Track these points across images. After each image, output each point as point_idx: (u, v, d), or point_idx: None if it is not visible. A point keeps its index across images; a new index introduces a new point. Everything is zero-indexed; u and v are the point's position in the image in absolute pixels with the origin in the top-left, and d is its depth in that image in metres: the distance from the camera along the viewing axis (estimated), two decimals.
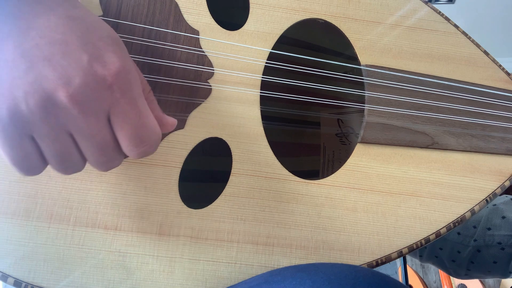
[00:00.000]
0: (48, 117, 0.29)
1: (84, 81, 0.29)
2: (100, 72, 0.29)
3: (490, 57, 0.50)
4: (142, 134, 0.32)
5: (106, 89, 0.30)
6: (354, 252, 0.42)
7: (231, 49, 0.45)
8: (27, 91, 0.28)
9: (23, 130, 0.29)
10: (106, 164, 0.33)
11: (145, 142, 0.32)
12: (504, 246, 0.65)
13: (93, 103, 0.29)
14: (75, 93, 0.29)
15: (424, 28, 0.50)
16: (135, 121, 0.31)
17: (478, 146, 0.47)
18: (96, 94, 0.29)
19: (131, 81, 0.31)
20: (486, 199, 0.45)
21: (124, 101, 0.31)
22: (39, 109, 0.28)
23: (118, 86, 0.30)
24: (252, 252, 0.40)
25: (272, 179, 0.43)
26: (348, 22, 0.48)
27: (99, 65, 0.30)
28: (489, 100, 0.48)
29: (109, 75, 0.30)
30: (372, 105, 0.46)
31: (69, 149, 0.31)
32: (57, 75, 0.28)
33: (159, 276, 0.39)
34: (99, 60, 0.30)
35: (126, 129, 0.31)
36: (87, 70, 0.29)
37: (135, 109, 0.31)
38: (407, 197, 0.44)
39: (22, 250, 0.38)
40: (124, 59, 0.31)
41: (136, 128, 0.32)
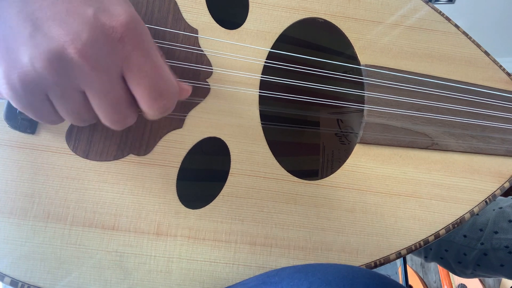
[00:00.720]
0: (59, 77, 0.28)
1: (92, 35, 0.28)
2: (108, 24, 0.28)
3: (490, 57, 0.50)
4: (160, 87, 0.31)
5: (116, 41, 0.28)
6: (352, 253, 0.42)
7: (230, 48, 0.44)
8: (32, 55, 0.27)
9: (38, 93, 0.29)
10: (119, 122, 0.32)
11: (164, 95, 0.31)
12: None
13: (105, 58, 0.28)
14: (84, 48, 0.27)
15: (424, 28, 0.49)
16: (151, 73, 0.30)
17: (478, 147, 0.47)
18: (107, 47, 0.28)
19: (142, 32, 0.30)
20: (485, 200, 0.45)
21: (137, 53, 0.29)
22: (48, 70, 0.28)
23: (129, 38, 0.29)
24: (250, 253, 0.40)
25: (270, 179, 0.42)
26: (348, 22, 0.48)
27: (106, 17, 0.28)
28: (489, 101, 0.48)
29: (118, 26, 0.28)
30: (371, 106, 0.46)
31: (83, 107, 0.31)
32: (63, 32, 0.27)
33: (156, 276, 0.39)
34: (105, 12, 0.28)
35: (142, 83, 0.30)
36: (94, 23, 0.28)
37: (150, 61, 0.30)
38: (406, 198, 0.44)
39: (19, 249, 0.38)
40: (131, 10, 0.30)
41: (153, 80, 0.30)
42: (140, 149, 0.41)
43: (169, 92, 0.31)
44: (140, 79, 0.30)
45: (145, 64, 0.30)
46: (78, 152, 0.40)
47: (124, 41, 0.29)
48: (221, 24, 0.45)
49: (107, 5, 0.29)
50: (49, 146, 0.40)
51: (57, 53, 0.27)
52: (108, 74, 0.29)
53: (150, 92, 0.30)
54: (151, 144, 0.41)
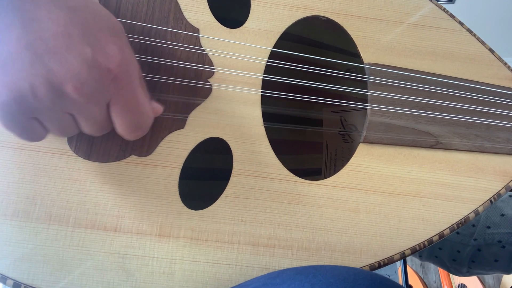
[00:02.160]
0: (54, 105, 0.31)
1: (90, 75, 0.30)
2: (104, 64, 0.31)
3: (495, 54, 0.50)
4: (139, 121, 0.35)
5: (110, 80, 0.31)
6: (356, 254, 0.41)
7: (232, 48, 0.44)
8: (33, 83, 0.29)
9: (29, 115, 0.31)
10: (99, 132, 0.35)
11: (141, 128, 0.35)
12: (505, 244, 0.65)
13: (97, 94, 0.31)
14: (82, 86, 0.30)
15: (428, 26, 0.49)
16: (134, 109, 0.34)
17: (483, 146, 0.46)
18: (101, 85, 0.31)
19: (132, 72, 0.33)
20: (490, 199, 0.45)
21: (125, 92, 0.33)
22: (46, 99, 0.30)
23: (120, 78, 0.32)
24: (253, 254, 0.40)
25: (273, 179, 0.42)
26: (351, 20, 0.48)
27: (102, 58, 0.31)
28: (494, 99, 0.48)
29: (113, 67, 0.31)
30: (375, 105, 0.45)
31: (69, 125, 0.34)
32: (64, 69, 0.30)
33: (159, 278, 0.39)
34: (102, 53, 0.31)
35: (124, 117, 0.34)
36: (92, 63, 0.30)
37: (135, 99, 0.34)
38: (410, 197, 0.44)
39: (21, 251, 0.37)
40: (124, 50, 0.33)
41: (134, 116, 0.34)
42: (142, 150, 0.41)
43: (146, 125, 0.36)
44: (123, 113, 0.33)
45: (130, 102, 0.33)
46: (79, 154, 0.40)
47: (116, 81, 0.32)
48: (223, 23, 0.44)
49: (103, 43, 0.31)
50: (50, 148, 0.40)
51: (57, 87, 0.30)
52: (97, 105, 0.32)
53: (130, 125, 0.34)
54: (153, 145, 0.41)
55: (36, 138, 0.34)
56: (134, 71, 0.33)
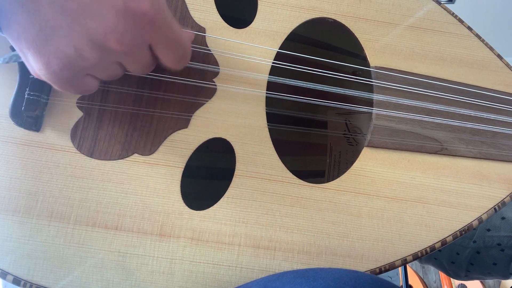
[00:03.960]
0: (101, 60, 0.32)
1: (127, 24, 0.31)
2: (138, 10, 0.31)
3: (503, 61, 0.49)
4: (183, 51, 0.37)
5: (147, 24, 0.32)
6: (357, 259, 0.41)
7: (237, 48, 0.44)
8: (78, 46, 0.30)
9: (82, 74, 0.33)
10: (145, 71, 0.36)
11: (185, 57, 0.37)
12: (504, 247, 0.64)
13: (139, 39, 0.32)
14: (122, 37, 0.31)
15: (436, 30, 0.48)
16: (175, 43, 0.35)
17: (488, 153, 0.46)
18: (140, 30, 0.32)
19: (165, 9, 0.33)
20: (494, 207, 0.44)
21: (164, 30, 0.33)
22: (93, 57, 0.31)
23: (156, 19, 0.32)
24: (254, 256, 0.40)
25: (276, 181, 0.42)
26: (358, 22, 0.47)
27: (134, 3, 0.31)
28: (501, 106, 0.47)
29: (146, 11, 0.31)
30: (380, 109, 0.45)
31: (118, 70, 0.35)
32: (102, 25, 0.30)
33: (158, 277, 0.38)
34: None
35: (170, 52, 0.35)
36: (126, 12, 0.31)
37: (174, 33, 0.35)
38: (413, 203, 0.43)
39: (21, 248, 0.37)
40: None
41: (178, 49, 0.36)
42: (145, 148, 0.41)
43: (187, 52, 0.37)
44: (167, 49, 0.35)
45: (171, 37, 0.34)
46: (82, 151, 0.40)
47: (153, 22, 0.32)
48: (229, 23, 0.44)
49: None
50: (53, 144, 0.39)
51: (100, 44, 0.31)
52: (141, 50, 0.33)
53: (176, 57, 0.36)
54: (156, 144, 0.41)
55: (90, 90, 0.35)
56: (166, 8, 0.34)
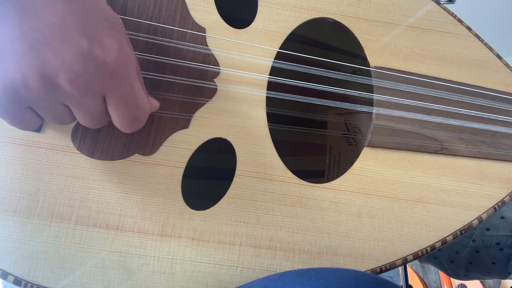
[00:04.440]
0: (47, 95, 0.30)
1: (85, 67, 0.29)
2: (101, 58, 0.30)
3: (503, 61, 0.49)
4: (137, 115, 0.34)
5: (106, 74, 0.30)
6: (358, 258, 0.41)
7: (238, 48, 0.44)
8: (26, 74, 0.29)
9: (21, 105, 0.30)
10: (95, 126, 0.35)
11: (138, 122, 0.35)
12: (503, 247, 0.64)
13: (92, 87, 0.30)
14: (76, 79, 0.29)
15: (436, 30, 0.49)
16: (132, 103, 0.33)
17: (488, 153, 0.46)
18: (97, 78, 0.30)
19: (129, 66, 0.32)
20: (494, 207, 0.44)
21: (123, 86, 0.32)
22: (38, 90, 0.29)
23: (118, 72, 0.31)
24: (255, 256, 0.40)
25: (276, 181, 0.42)
26: (358, 22, 0.47)
27: (99, 50, 0.30)
28: (500, 106, 0.47)
29: (110, 61, 0.30)
30: (380, 108, 0.45)
31: (64, 115, 0.33)
32: (58, 60, 0.29)
33: (160, 277, 0.38)
34: (99, 45, 0.30)
35: (122, 111, 0.33)
36: (88, 56, 0.29)
37: (132, 93, 0.33)
38: (413, 203, 0.43)
39: (22, 248, 0.37)
40: (122, 43, 0.32)
41: (132, 110, 0.33)
42: (146, 149, 0.41)
43: (142, 119, 0.35)
44: (120, 107, 0.33)
45: (128, 95, 0.32)
46: (83, 151, 0.40)
47: (114, 75, 0.31)
48: (229, 23, 0.44)
49: (100, 36, 0.30)
50: (54, 144, 0.39)
51: (49, 78, 0.29)
52: (92, 98, 0.31)
53: (127, 119, 0.34)
54: (156, 144, 0.41)
55: (30, 127, 0.33)
56: (131, 65, 0.33)
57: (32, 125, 0.33)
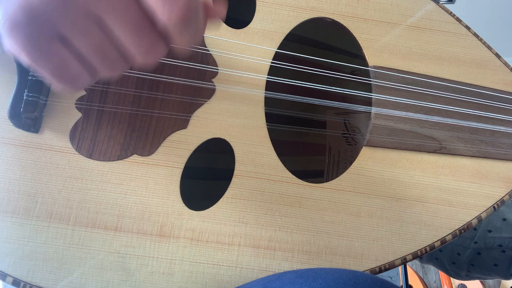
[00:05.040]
0: (68, 6, 0.25)
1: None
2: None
3: (501, 60, 0.49)
4: None
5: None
6: (357, 258, 0.41)
7: (236, 48, 0.44)
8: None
9: (46, 29, 0.26)
10: (149, 50, 0.28)
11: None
12: (505, 249, 0.64)
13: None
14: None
15: (434, 29, 0.48)
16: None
17: (487, 152, 0.46)
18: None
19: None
20: (493, 206, 0.44)
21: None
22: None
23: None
24: (253, 256, 0.40)
25: (275, 181, 0.42)
26: (356, 22, 0.47)
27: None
28: (499, 105, 0.47)
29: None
30: (379, 108, 0.45)
31: (104, 39, 0.27)
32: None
33: (158, 278, 0.38)
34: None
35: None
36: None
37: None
38: (412, 202, 0.43)
39: (21, 249, 0.37)
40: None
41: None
42: (144, 149, 0.41)
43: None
44: None
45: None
46: (81, 152, 0.40)
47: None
48: (228, 23, 0.44)
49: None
50: (52, 145, 0.39)
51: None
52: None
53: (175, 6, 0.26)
54: (155, 145, 0.41)
55: (77, 76, 0.28)
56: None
57: (77, 71, 0.28)
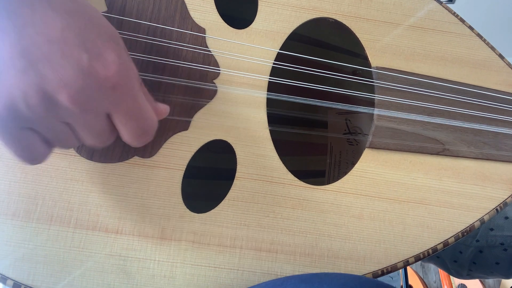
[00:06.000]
0: (48, 114, 0.29)
1: (86, 83, 0.29)
2: (101, 72, 0.29)
3: (505, 60, 0.49)
4: (144, 127, 0.33)
5: (108, 89, 0.30)
6: (359, 261, 0.41)
7: (238, 49, 0.44)
8: (26, 91, 0.28)
9: (22, 124, 0.29)
10: (101, 144, 0.34)
11: (147, 133, 0.33)
12: (507, 247, 0.64)
13: (94, 103, 0.30)
14: (76, 95, 0.28)
15: (438, 30, 0.48)
16: (138, 116, 0.32)
17: (490, 154, 0.46)
18: (98, 93, 0.29)
19: (132, 79, 0.31)
20: (496, 208, 0.44)
21: (126, 99, 0.31)
22: (39, 108, 0.28)
23: (120, 86, 0.30)
24: (255, 259, 0.40)
25: (277, 183, 0.42)
26: (359, 22, 0.47)
27: (99, 65, 0.29)
28: (502, 106, 0.47)
29: (111, 76, 0.30)
30: (381, 109, 0.45)
31: (68, 136, 0.32)
32: (58, 76, 0.28)
33: (160, 281, 0.38)
34: (99, 59, 0.29)
35: (128, 125, 0.32)
36: (88, 71, 0.29)
37: (137, 106, 0.32)
38: (415, 205, 0.43)
39: (21, 251, 0.37)
40: (123, 57, 0.31)
41: (138, 122, 0.32)
42: (145, 151, 0.40)
43: (151, 130, 0.34)
44: (126, 122, 0.32)
45: (132, 109, 0.32)
46: (82, 154, 0.39)
47: (115, 89, 0.30)
48: (229, 23, 0.44)
49: (101, 49, 0.30)
50: None
51: (50, 94, 0.28)
52: (95, 115, 0.30)
53: (135, 132, 0.33)
54: (156, 147, 0.40)
55: (35, 155, 0.31)
56: (133, 78, 0.32)
57: (37, 152, 0.31)
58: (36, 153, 0.31)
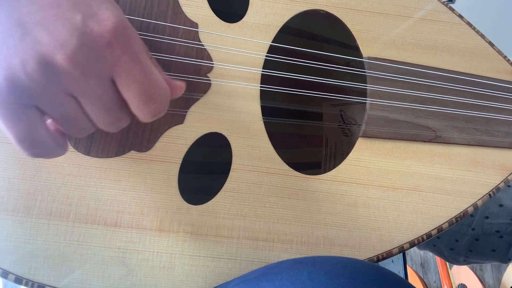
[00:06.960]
0: (49, 82, 0.28)
1: (81, 41, 0.28)
2: (96, 30, 0.28)
3: (495, 48, 0.49)
4: (150, 90, 0.31)
5: (105, 47, 0.29)
6: (355, 248, 0.42)
7: (230, 42, 0.44)
8: (23, 58, 0.28)
9: (25, 99, 0.29)
10: (114, 124, 0.32)
11: (154, 99, 0.31)
12: (503, 234, 0.65)
13: (94, 63, 0.29)
14: (73, 54, 0.28)
15: (427, 19, 0.49)
16: (141, 77, 0.30)
17: (482, 140, 0.46)
18: (96, 53, 0.29)
19: (130, 36, 0.30)
20: (489, 193, 0.45)
21: (126, 58, 0.30)
22: (38, 74, 0.28)
23: (117, 43, 0.29)
24: (253, 248, 0.40)
25: (272, 174, 0.42)
26: (350, 13, 0.47)
27: (94, 23, 0.29)
28: (493, 93, 0.48)
29: (106, 32, 0.29)
30: (374, 99, 0.45)
31: (75, 113, 0.31)
32: (52, 38, 0.28)
33: (159, 272, 0.39)
34: (94, 18, 0.29)
35: (132, 88, 0.30)
36: (83, 29, 0.28)
37: (139, 65, 0.30)
38: (409, 192, 0.44)
39: (22, 247, 0.38)
40: (119, 14, 0.30)
41: (143, 85, 0.31)
42: (141, 145, 0.41)
43: (159, 95, 0.32)
44: (129, 84, 0.30)
45: (134, 69, 0.30)
46: (79, 149, 0.40)
47: (113, 46, 0.29)
48: (222, 17, 0.44)
49: (95, 9, 0.29)
50: None
51: (47, 58, 0.28)
52: (98, 79, 0.29)
53: (141, 97, 0.31)
54: (152, 140, 0.41)
55: (41, 143, 0.30)
56: (133, 36, 0.30)
57: (42, 137, 0.30)
58: (41, 138, 0.30)
